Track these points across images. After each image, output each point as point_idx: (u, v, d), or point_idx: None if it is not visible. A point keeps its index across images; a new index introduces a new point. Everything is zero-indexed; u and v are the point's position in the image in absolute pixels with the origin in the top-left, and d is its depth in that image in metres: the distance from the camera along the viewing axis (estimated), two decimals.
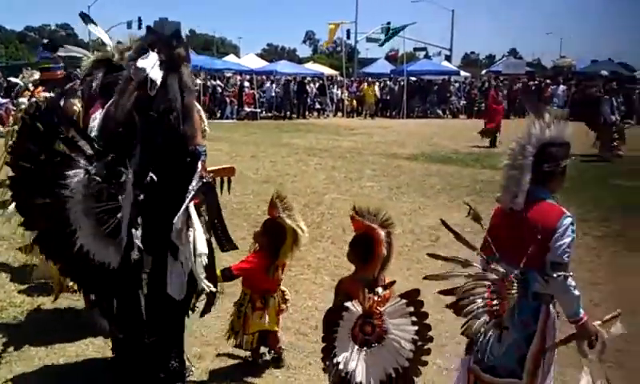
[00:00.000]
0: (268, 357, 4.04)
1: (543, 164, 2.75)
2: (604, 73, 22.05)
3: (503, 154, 2.89)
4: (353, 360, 2.76)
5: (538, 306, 2.72)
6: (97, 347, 4.15)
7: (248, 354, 3.99)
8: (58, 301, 4.72)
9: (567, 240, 2.65)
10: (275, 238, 3.84)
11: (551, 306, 2.76)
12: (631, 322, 4.75)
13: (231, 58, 35.80)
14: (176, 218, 2.97)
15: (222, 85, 27.15)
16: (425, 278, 2.89)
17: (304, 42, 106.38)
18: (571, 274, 2.69)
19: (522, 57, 62.23)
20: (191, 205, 3.04)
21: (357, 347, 2.79)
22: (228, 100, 25.68)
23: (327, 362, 2.89)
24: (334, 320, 2.88)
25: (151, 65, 3.04)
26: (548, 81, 30.63)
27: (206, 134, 3.28)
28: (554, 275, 2.63)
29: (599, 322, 2.79)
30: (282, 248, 3.85)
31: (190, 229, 3.01)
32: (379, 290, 2.88)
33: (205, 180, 3.12)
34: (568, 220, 2.68)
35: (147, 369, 3.30)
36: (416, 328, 2.76)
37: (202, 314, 3.61)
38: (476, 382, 2.87)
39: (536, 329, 2.72)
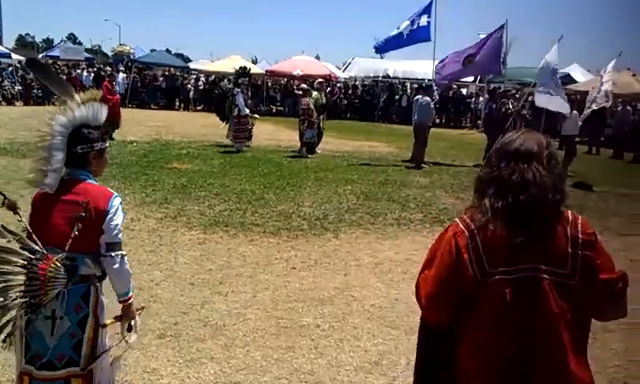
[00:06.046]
0: None
1: (77, 146, 2.74)
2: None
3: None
4: None
5: (87, 288, 2.70)
6: None
7: None
8: None
9: (119, 220, 2.73)
10: None
11: (98, 287, 2.78)
12: (231, 300, 5.29)
13: None
14: None
15: None
16: None
17: None
18: (125, 252, 2.78)
19: (82, 42, 61.13)
20: None
21: None
22: None
23: None
24: None
25: None
26: (108, 68, 30.75)
27: None
28: (113, 254, 2.68)
29: (137, 309, 2.97)
30: None
31: None
32: None
33: None
34: (117, 200, 2.76)
35: None
36: None
37: None
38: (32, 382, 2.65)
39: (88, 311, 2.69)
